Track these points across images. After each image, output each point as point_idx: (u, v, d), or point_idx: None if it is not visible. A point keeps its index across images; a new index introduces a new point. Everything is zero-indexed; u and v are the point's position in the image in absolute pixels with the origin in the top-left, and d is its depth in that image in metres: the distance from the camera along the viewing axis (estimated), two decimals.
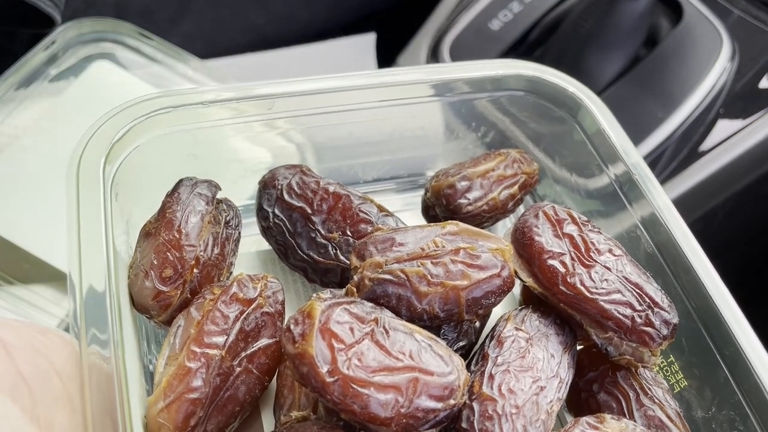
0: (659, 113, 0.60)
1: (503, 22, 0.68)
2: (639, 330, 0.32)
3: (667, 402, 0.33)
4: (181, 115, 0.35)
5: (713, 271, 0.35)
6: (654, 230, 0.37)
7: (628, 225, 0.39)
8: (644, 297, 0.32)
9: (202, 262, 0.34)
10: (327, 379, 0.27)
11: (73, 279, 0.30)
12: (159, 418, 0.29)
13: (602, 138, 0.40)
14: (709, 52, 0.61)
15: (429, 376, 0.28)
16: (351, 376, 0.27)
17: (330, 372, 0.27)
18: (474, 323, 0.35)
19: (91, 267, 0.31)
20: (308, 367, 0.27)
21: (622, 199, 0.39)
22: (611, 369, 0.34)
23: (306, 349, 0.27)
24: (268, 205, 0.38)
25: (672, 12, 0.66)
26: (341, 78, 0.37)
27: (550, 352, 0.32)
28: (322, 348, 0.27)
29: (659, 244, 0.37)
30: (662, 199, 0.37)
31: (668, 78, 0.62)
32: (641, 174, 0.38)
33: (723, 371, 0.33)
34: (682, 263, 0.35)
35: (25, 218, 0.48)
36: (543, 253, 0.34)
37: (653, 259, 0.37)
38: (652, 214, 0.37)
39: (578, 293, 0.32)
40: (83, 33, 0.58)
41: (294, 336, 0.27)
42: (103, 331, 0.29)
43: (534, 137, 0.44)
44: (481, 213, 0.39)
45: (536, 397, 0.30)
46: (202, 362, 0.30)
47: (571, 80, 0.42)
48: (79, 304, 0.30)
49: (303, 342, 0.27)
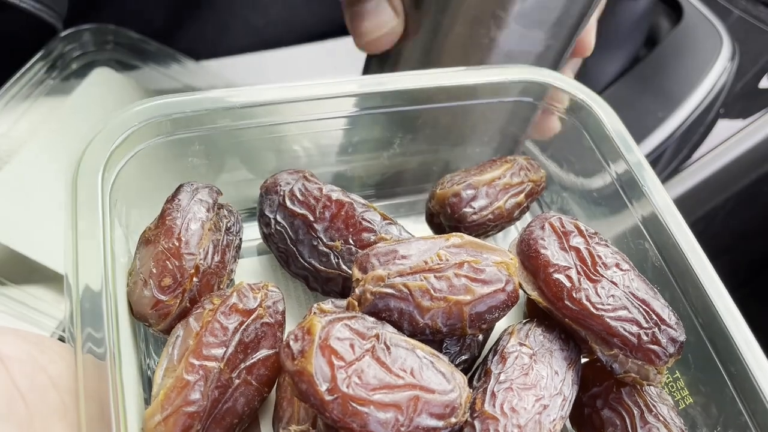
0: (659, 113, 0.60)
1: None
2: (645, 348, 0.31)
3: (672, 420, 0.33)
4: (181, 120, 0.34)
5: (721, 286, 0.34)
6: (657, 234, 0.36)
7: (631, 225, 0.38)
8: (651, 314, 0.32)
9: (202, 271, 0.33)
10: (326, 398, 0.26)
11: (71, 286, 0.30)
12: (156, 431, 0.29)
13: (608, 141, 0.39)
14: (709, 52, 0.60)
15: (430, 394, 0.28)
16: (350, 395, 0.26)
17: (329, 390, 0.26)
18: (477, 336, 0.34)
19: (89, 274, 0.30)
20: (307, 385, 0.26)
21: (625, 201, 0.38)
22: (616, 385, 0.34)
23: (305, 367, 0.26)
24: (270, 212, 0.37)
25: (672, 12, 0.65)
26: (345, 83, 0.37)
27: (554, 369, 0.31)
28: (321, 365, 0.26)
29: (665, 255, 0.36)
30: (664, 201, 0.36)
31: (668, 78, 0.61)
32: (645, 176, 0.37)
33: (729, 389, 0.33)
34: (690, 277, 0.35)
35: (29, 227, 0.48)
36: (549, 267, 0.33)
37: (660, 272, 0.36)
38: (653, 214, 0.36)
39: (584, 309, 0.32)
40: (83, 41, 0.58)
41: (293, 353, 0.27)
42: (100, 342, 0.29)
43: (540, 142, 0.43)
44: (486, 222, 0.39)
45: (539, 416, 0.30)
46: (200, 375, 0.30)
47: (579, 85, 0.41)
48: (77, 312, 0.29)
49: (302, 359, 0.27)
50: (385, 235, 0.36)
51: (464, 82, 0.39)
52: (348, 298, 0.31)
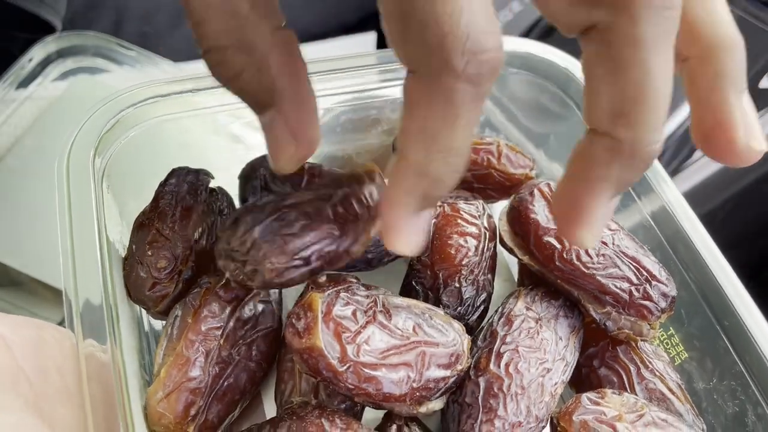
0: None
1: (503, 22, 0.68)
2: (637, 304, 0.32)
3: (668, 374, 0.33)
4: (170, 103, 0.35)
5: (711, 243, 0.34)
6: (648, 199, 0.36)
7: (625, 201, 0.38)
8: (642, 270, 0.32)
9: (197, 252, 0.34)
10: (339, 368, 0.27)
11: (68, 273, 0.30)
12: (159, 408, 0.29)
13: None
14: None
15: (435, 348, 0.29)
16: (362, 362, 0.27)
17: (341, 360, 0.27)
18: (488, 276, 0.35)
19: (85, 260, 0.31)
20: (318, 359, 0.27)
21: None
22: (611, 343, 0.34)
23: (314, 343, 0.27)
24: (253, 198, 0.37)
25: None
26: (326, 61, 0.37)
27: (558, 335, 0.32)
28: (329, 338, 0.27)
29: (654, 215, 0.36)
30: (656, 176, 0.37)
31: None
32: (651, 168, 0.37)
33: (723, 341, 0.33)
34: (681, 238, 0.35)
35: (13, 236, 0.48)
36: (539, 230, 0.33)
37: (650, 232, 0.36)
38: (647, 185, 0.37)
39: (575, 269, 0.32)
40: (61, 48, 0.58)
41: (299, 330, 0.27)
42: (100, 325, 0.29)
43: (533, 135, 0.43)
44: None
45: (542, 379, 0.30)
46: (200, 351, 0.30)
47: (564, 54, 0.41)
48: (75, 297, 0.30)
49: (309, 335, 0.27)
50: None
51: None
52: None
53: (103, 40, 0.59)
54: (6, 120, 0.54)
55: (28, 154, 0.52)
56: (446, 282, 0.33)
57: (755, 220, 0.67)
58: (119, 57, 0.60)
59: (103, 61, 0.59)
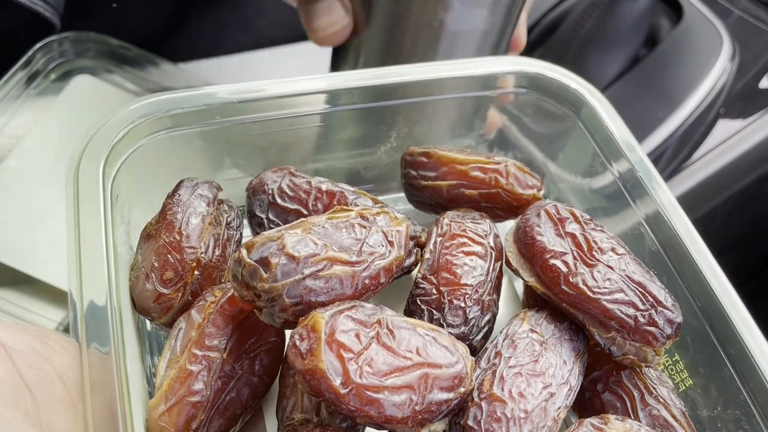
0: (660, 113, 0.60)
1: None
2: (642, 330, 0.31)
3: (672, 401, 0.33)
4: (181, 116, 0.35)
5: (718, 269, 0.34)
6: (658, 228, 0.36)
7: (632, 223, 0.38)
8: (647, 296, 0.32)
9: (203, 264, 0.34)
10: (341, 391, 0.27)
11: (74, 281, 0.30)
12: (160, 421, 0.29)
13: (606, 135, 0.39)
14: (709, 52, 0.61)
15: (438, 369, 0.29)
16: (364, 384, 0.27)
17: (343, 383, 0.27)
18: (493, 295, 0.35)
19: (91, 269, 0.31)
20: (320, 381, 0.27)
21: (626, 197, 0.38)
22: (615, 368, 0.34)
23: (316, 365, 0.27)
24: (260, 211, 0.37)
25: (672, 12, 0.66)
26: (338, 77, 0.37)
27: (563, 359, 0.32)
28: (331, 360, 0.27)
29: (663, 242, 0.36)
30: (667, 197, 0.37)
31: (669, 78, 0.61)
32: (645, 171, 0.38)
33: (728, 369, 0.33)
34: (687, 261, 0.35)
35: (17, 238, 0.48)
36: (545, 253, 0.33)
37: (658, 257, 0.36)
38: (657, 212, 0.36)
39: (581, 293, 0.32)
40: (62, 49, 0.58)
41: (301, 351, 0.27)
42: (104, 334, 0.29)
43: (536, 136, 0.44)
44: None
45: (545, 404, 0.30)
46: (203, 365, 0.30)
47: (574, 77, 0.41)
48: (80, 306, 0.30)
49: (312, 357, 0.27)
50: None
51: (463, 74, 0.40)
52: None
53: (103, 40, 0.60)
54: (7, 121, 0.54)
55: (28, 155, 0.53)
56: (451, 301, 0.33)
57: (756, 220, 0.67)
58: (119, 57, 0.60)
59: (104, 61, 0.60)
